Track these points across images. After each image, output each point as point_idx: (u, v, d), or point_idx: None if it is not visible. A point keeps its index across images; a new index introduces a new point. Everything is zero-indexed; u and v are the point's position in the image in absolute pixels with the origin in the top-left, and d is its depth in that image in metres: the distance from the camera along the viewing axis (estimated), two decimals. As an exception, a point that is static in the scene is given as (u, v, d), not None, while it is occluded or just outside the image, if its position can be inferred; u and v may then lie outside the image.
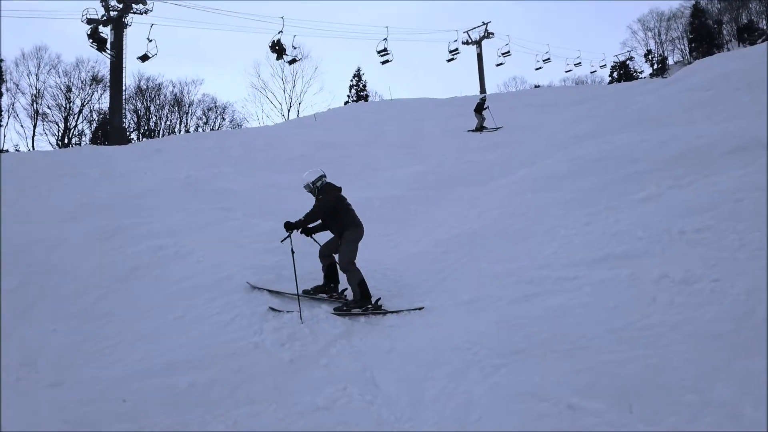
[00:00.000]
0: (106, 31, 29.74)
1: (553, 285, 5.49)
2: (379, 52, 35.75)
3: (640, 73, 55.60)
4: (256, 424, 4.09)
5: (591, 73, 56.35)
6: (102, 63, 44.01)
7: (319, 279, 6.75)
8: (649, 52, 59.62)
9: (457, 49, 42.52)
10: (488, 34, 44.35)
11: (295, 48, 32.06)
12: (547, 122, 17.64)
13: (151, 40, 30.21)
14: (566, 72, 52.07)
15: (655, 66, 57.32)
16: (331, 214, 6.37)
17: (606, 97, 20.69)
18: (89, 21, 29.77)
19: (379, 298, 6.22)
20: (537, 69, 47.78)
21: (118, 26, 29.88)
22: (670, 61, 58.65)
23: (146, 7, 30.49)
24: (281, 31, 31.53)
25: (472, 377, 4.21)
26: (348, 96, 55.10)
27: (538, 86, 51.63)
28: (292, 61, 32.26)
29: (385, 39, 35.51)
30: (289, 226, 6.15)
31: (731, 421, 3.06)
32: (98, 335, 5.76)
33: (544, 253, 6.51)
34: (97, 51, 29.48)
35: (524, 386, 3.83)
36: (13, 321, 6.09)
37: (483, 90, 43.37)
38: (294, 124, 25.75)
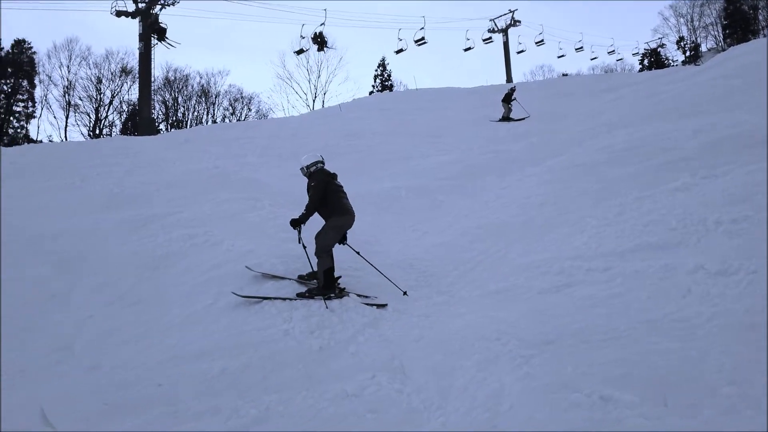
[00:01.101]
0: (165, 21, 29.68)
1: (584, 276, 5.42)
2: (416, 41, 35.81)
3: (674, 61, 54.14)
4: (287, 410, 4.14)
5: (617, 61, 54.89)
6: (131, 55, 44.80)
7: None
8: (681, 38, 58.09)
9: (491, 38, 41.84)
10: (515, 22, 43.64)
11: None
12: (575, 111, 17.34)
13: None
14: (592, 59, 50.92)
15: (688, 53, 55.81)
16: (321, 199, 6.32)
17: (636, 85, 20.25)
18: (118, 13, 30.22)
19: (344, 288, 6.23)
20: (560, 57, 46.74)
21: (146, 18, 30.23)
22: (704, 48, 57.01)
23: (174, -2, 30.77)
24: (323, 23, 31.55)
25: (502, 367, 4.19)
26: (373, 86, 54.99)
27: (566, 75, 50.73)
28: (321, 48, 32.17)
29: (422, 28, 35.67)
30: (295, 223, 6.21)
31: (771, 415, 2.99)
32: (133, 321, 5.90)
33: (573, 244, 6.43)
34: (157, 41, 29.47)
35: (556, 377, 3.80)
36: (49, 307, 6.28)
37: (510, 79, 42.76)
38: (319, 114, 25.81)
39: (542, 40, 43.97)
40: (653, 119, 11.18)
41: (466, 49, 40.07)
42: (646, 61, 54.66)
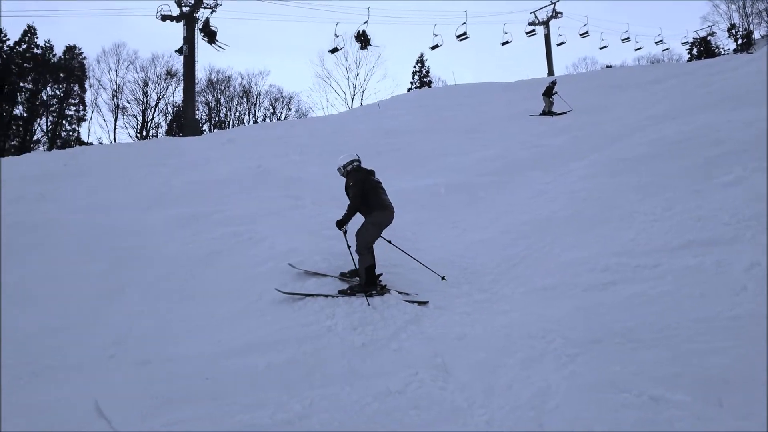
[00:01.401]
0: (216, 24, 30.21)
1: (632, 273, 5.28)
2: (458, 36, 35.78)
3: (725, 50, 51.92)
4: (331, 406, 4.19)
5: (664, 51, 52.93)
6: (176, 58, 45.94)
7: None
8: (732, 26, 55.67)
9: (533, 30, 41.02)
10: (556, 14, 42.71)
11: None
12: (620, 103, 16.87)
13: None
14: (636, 50, 49.25)
15: (740, 41, 53.46)
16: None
17: (685, 76, 19.53)
18: (164, 17, 31.10)
19: (386, 285, 6.21)
20: (602, 48, 45.41)
21: (190, 21, 30.99)
22: (756, 35, 54.48)
23: (216, 2, 31.47)
24: (366, 22, 31.85)
25: (548, 366, 4.14)
26: (411, 83, 54.83)
27: (610, 66, 49.33)
28: (364, 46, 32.29)
29: (464, 23, 35.67)
30: (340, 224, 6.27)
31: (835, 419, 2.86)
32: (182, 317, 6.07)
33: (620, 240, 6.27)
34: (208, 43, 30.17)
35: (603, 376, 3.72)
36: (105, 302, 6.52)
37: (551, 72, 41.93)
38: (358, 112, 25.92)
39: (587, 32, 42.88)
40: (703, 111, 10.78)
41: (503, 43, 39.48)
42: (695, 51, 52.66)
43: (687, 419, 3.09)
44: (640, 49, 48.69)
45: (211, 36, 29.66)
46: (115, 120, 46.83)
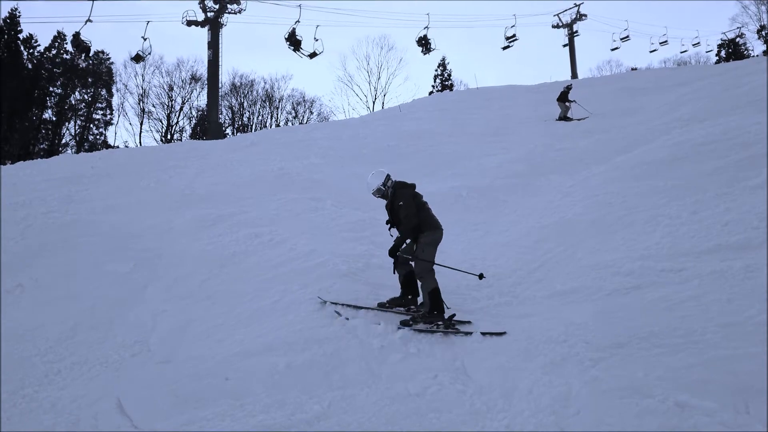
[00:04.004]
0: (301, 33, 30.62)
1: (656, 277, 5.17)
2: (508, 38, 35.81)
3: (753, 53, 50.84)
4: (350, 407, 4.18)
5: (681, 53, 51.93)
6: (200, 62, 46.78)
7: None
8: (762, 27, 54.39)
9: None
10: (580, 16, 42.29)
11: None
12: (645, 106, 16.60)
13: (145, 39, 29.96)
14: (651, 52, 48.40)
15: (770, 42, 52.19)
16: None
17: (712, 78, 19.12)
18: (189, 23, 31.64)
19: (454, 315, 5.41)
20: (613, 49, 44.60)
21: (215, 26, 31.47)
22: (788, 36, 53.15)
23: (240, 6, 31.91)
24: (427, 27, 31.97)
25: (569, 370, 4.07)
26: (432, 86, 54.81)
27: (635, 69, 48.62)
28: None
29: (513, 26, 35.66)
30: (394, 251, 5.63)
31: None
32: (203, 316, 6.14)
33: (645, 244, 6.16)
34: (293, 52, 30.57)
35: (627, 381, 3.65)
36: (128, 301, 6.63)
37: (575, 75, 41.49)
38: (379, 115, 25.96)
39: (627, 36, 42.28)
40: (732, 113, 10.53)
41: (504, 48, 38.49)
42: (723, 53, 51.62)
43: (713, 426, 3.01)
44: (655, 50, 47.86)
45: (296, 44, 30.13)
46: (141, 124, 47.79)
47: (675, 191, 7.39)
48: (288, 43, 30.04)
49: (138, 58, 31.26)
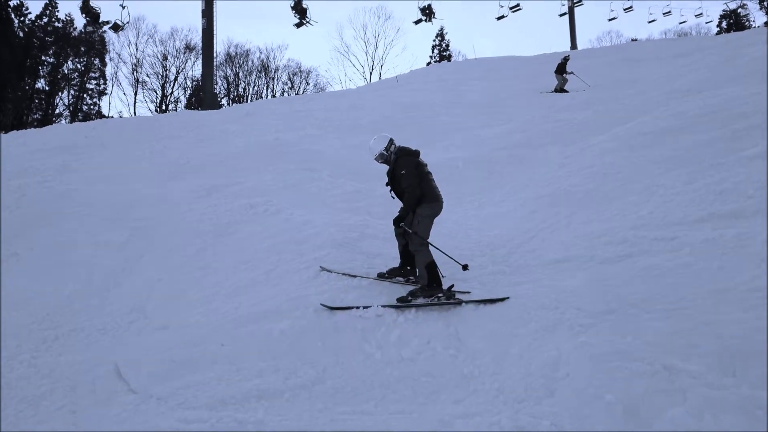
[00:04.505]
0: (307, 2, 29.38)
1: (649, 245, 5.21)
2: (511, 8, 35.25)
3: (753, 23, 50.25)
4: (344, 372, 4.25)
5: (680, 23, 51.36)
6: (194, 32, 46.07)
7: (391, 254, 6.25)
8: (765, -2, 53.67)
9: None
10: (582, -14, 41.43)
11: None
12: (645, 77, 16.47)
13: (124, 7, 28.86)
14: (649, 22, 47.63)
15: (772, 13, 51.50)
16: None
17: (712, 49, 18.92)
18: (182, -9, 30.96)
19: (452, 285, 5.30)
20: (611, 20, 43.76)
21: (209, -6, 30.82)
22: (791, 7, 52.44)
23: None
24: None
25: (560, 336, 4.13)
26: (430, 56, 54.21)
27: (635, 40, 48.02)
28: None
29: None
30: (398, 221, 5.43)
31: None
32: (199, 285, 6.18)
33: (639, 213, 6.18)
34: (299, 20, 29.67)
35: (616, 346, 3.71)
36: (125, 270, 6.67)
37: (574, 46, 40.92)
38: (376, 86, 25.71)
39: (631, 6, 41.52)
40: (730, 84, 10.46)
41: (499, 18, 37.66)
42: (724, 24, 51.00)
43: (699, 388, 3.07)
44: (653, 21, 47.17)
45: (302, 13, 29.44)
46: (135, 94, 47.30)
47: (671, 162, 7.38)
48: (294, 12, 29.40)
49: (116, 27, 30.41)
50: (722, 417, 2.82)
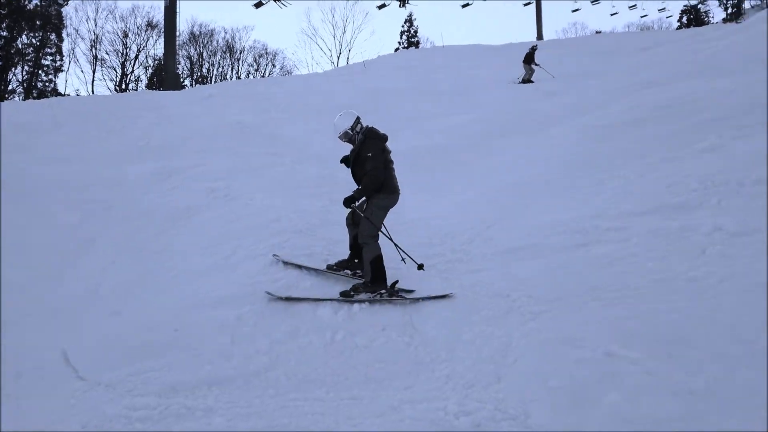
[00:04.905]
0: None
1: (601, 235, 5.36)
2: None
3: (712, 18, 51.71)
4: (299, 358, 4.26)
5: (642, 17, 53.19)
6: (157, 9, 44.71)
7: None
8: (724, -6, 55.17)
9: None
10: (549, -24, 41.82)
11: None
12: (608, 70, 16.79)
13: None
14: (611, 15, 48.73)
15: (730, 10, 53.08)
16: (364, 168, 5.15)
17: (673, 44, 19.45)
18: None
19: (397, 282, 5.10)
20: (574, 11, 44.50)
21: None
22: (747, 5, 54.12)
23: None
24: None
25: (511, 322, 4.23)
26: (399, 42, 54.01)
27: (600, 32, 48.85)
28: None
29: None
30: (350, 201, 5.11)
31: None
32: (155, 270, 6.07)
33: (594, 203, 6.35)
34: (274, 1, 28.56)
35: (563, 332, 3.83)
36: (77, 254, 6.49)
37: (540, 36, 41.35)
38: (343, 71, 25.50)
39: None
40: (688, 78, 10.79)
41: (464, 5, 37.89)
42: (684, 19, 52.27)
43: (637, 374, 3.19)
44: (615, 14, 48.18)
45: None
46: (94, 72, 45.77)
47: (628, 153, 7.59)
48: None
49: None
50: (656, 401, 2.94)
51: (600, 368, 3.32)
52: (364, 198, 5.26)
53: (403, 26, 54.55)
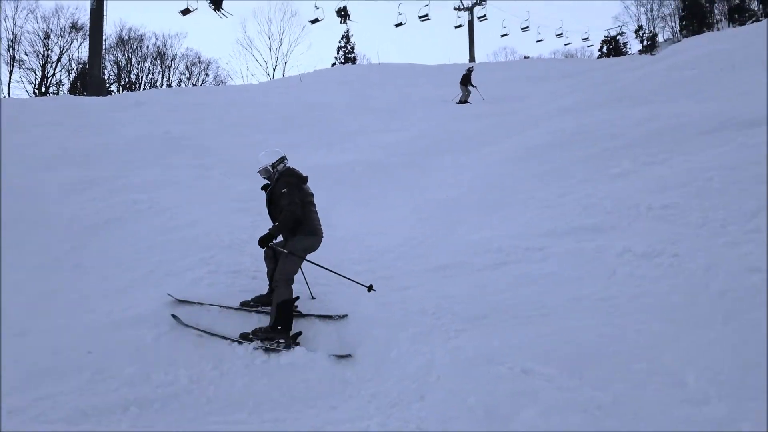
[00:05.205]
0: None
1: (522, 254, 5.58)
2: (421, 17, 35.88)
3: (629, 49, 55.33)
4: (220, 380, 4.15)
5: (565, 45, 56.94)
6: (82, 10, 42.73)
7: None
8: (640, 27, 59.18)
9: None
10: (480, 0, 43.42)
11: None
12: (534, 94, 17.58)
13: None
14: (537, 42, 51.21)
15: (645, 42, 56.95)
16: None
17: (594, 72, 20.63)
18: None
19: (300, 333, 4.82)
20: (503, 36, 46.21)
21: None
22: (660, 39, 58.31)
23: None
24: None
25: (435, 340, 4.31)
26: (336, 57, 54.20)
27: (528, 57, 51.08)
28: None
29: (427, 5, 35.83)
30: (265, 241, 4.78)
31: (674, 389, 3.18)
32: (70, 286, 5.76)
33: (517, 223, 6.60)
34: (213, 11, 27.25)
35: (483, 350, 3.94)
36: (-19, 269, 6.05)
37: (472, 58, 42.76)
38: (279, 83, 25.32)
39: (527, 27, 43.93)
40: (605, 106, 11.45)
41: (397, 25, 38.56)
42: (605, 48, 55.56)
43: (551, 390, 3.34)
44: (541, 41, 50.49)
45: (217, 3, 27.39)
46: (10, 73, 42.93)
47: (548, 176, 7.95)
48: (209, 2, 27.81)
49: None
50: (568, 417, 3.09)
51: (517, 385, 3.45)
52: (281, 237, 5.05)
53: (340, 42, 54.84)
